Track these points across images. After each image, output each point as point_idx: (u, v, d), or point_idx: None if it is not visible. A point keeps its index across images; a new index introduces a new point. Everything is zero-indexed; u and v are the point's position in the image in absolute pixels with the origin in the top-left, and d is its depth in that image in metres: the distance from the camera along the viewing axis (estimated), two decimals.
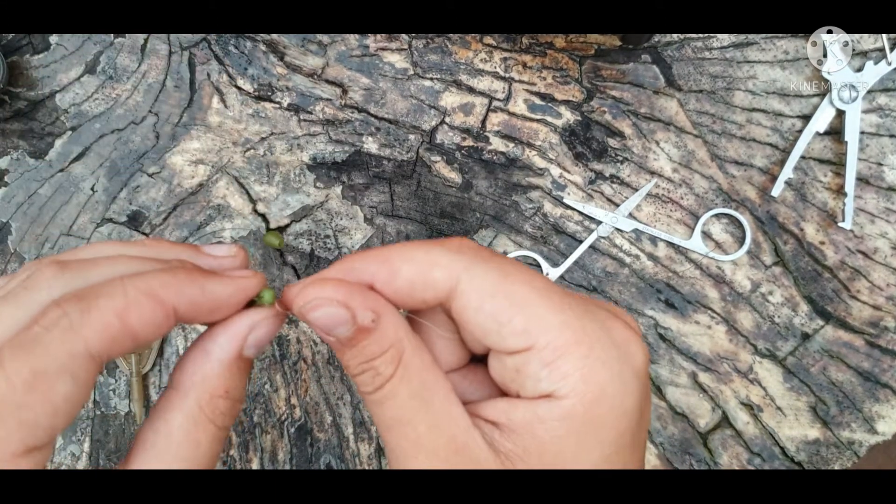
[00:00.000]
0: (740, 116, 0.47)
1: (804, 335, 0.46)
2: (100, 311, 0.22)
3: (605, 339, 0.23)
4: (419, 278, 0.24)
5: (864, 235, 0.46)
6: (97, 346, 0.22)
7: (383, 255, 0.24)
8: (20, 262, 0.48)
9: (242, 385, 0.25)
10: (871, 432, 0.46)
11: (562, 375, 0.22)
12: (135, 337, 0.22)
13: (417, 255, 0.24)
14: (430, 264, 0.24)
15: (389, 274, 0.24)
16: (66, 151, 0.49)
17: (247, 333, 0.25)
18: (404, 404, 0.23)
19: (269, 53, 0.49)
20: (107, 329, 0.22)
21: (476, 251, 0.25)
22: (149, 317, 0.22)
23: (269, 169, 0.49)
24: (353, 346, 0.23)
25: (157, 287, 0.23)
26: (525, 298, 0.23)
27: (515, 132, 0.48)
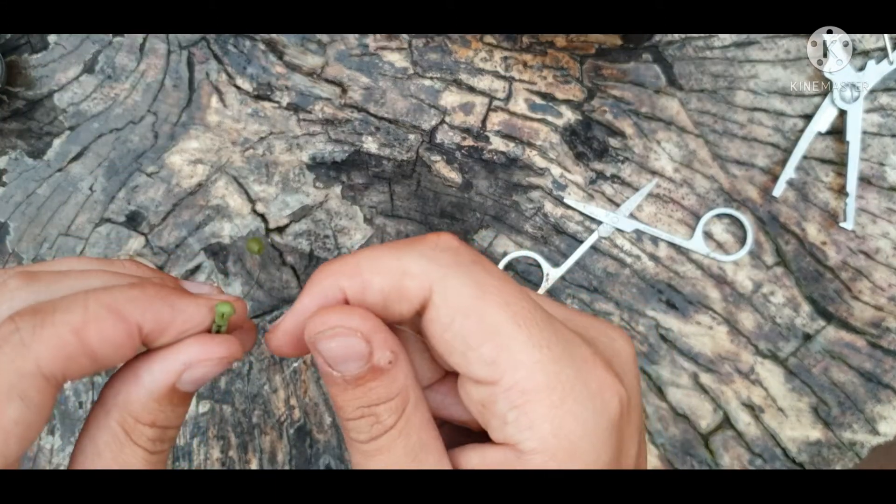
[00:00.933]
0: (742, 116, 0.47)
1: (806, 336, 0.46)
2: (54, 327, 0.20)
3: (579, 389, 0.21)
4: (392, 290, 0.21)
5: (865, 236, 0.46)
6: (50, 366, 0.20)
7: (351, 266, 0.22)
8: (18, 262, 0.48)
9: (175, 415, 0.23)
10: (873, 433, 0.45)
11: (529, 423, 0.20)
12: (93, 357, 0.21)
13: (387, 263, 0.22)
14: (401, 273, 0.21)
15: (360, 288, 0.22)
16: (64, 151, 0.49)
17: (182, 370, 0.22)
18: (398, 461, 0.21)
19: (269, 52, 0.49)
20: (61, 347, 0.20)
21: (455, 254, 0.22)
22: (110, 334, 0.21)
23: (268, 169, 0.48)
24: (358, 387, 0.21)
25: (121, 301, 0.21)
26: (499, 324, 0.21)
27: (516, 132, 0.48)
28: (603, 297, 0.47)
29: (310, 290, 0.22)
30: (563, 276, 0.47)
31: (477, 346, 0.21)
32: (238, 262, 0.48)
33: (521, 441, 0.20)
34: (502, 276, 0.22)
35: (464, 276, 0.21)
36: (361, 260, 0.22)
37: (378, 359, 0.21)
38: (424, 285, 0.21)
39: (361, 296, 0.22)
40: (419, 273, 0.21)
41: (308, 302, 0.22)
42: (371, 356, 0.21)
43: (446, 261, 0.22)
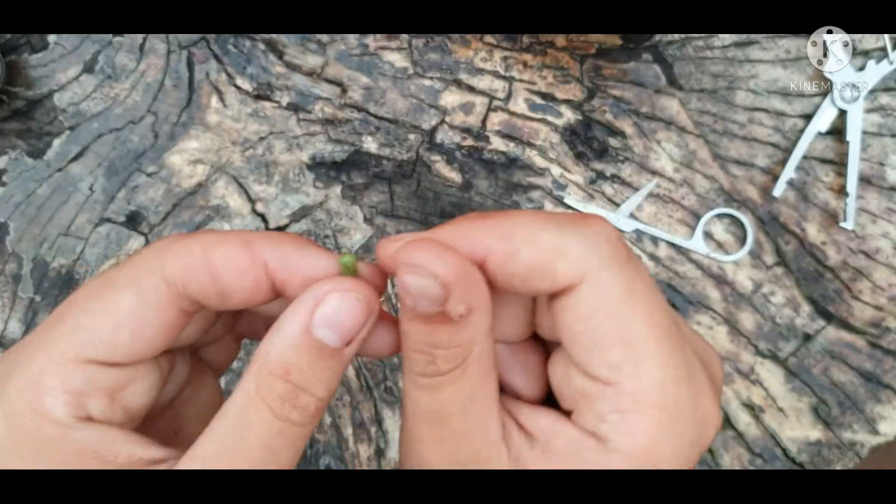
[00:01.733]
0: (742, 116, 0.47)
1: (806, 336, 0.46)
2: (187, 241, 0.21)
3: (688, 414, 0.21)
4: (540, 266, 0.20)
5: (865, 236, 0.46)
6: (172, 270, 0.21)
7: (505, 227, 0.21)
8: (18, 262, 0.48)
9: (313, 372, 0.21)
10: (873, 433, 0.45)
11: (629, 430, 0.20)
12: (215, 275, 0.21)
13: (545, 237, 0.20)
14: (557, 253, 0.20)
15: (507, 254, 0.21)
16: (64, 151, 0.49)
17: (312, 306, 0.21)
18: (444, 405, 0.21)
19: (269, 52, 0.49)
20: (186, 256, 0.21)
21: (614, 248, 0.21)
22: (234, 258, 0.21)
23: (268, 169, 0.48)
24: (424, 323, 0.20)
25: (253, 236, 0.22)
26: (637, 333, 0.20)
27: (516, 131, 0.48)
28: None
29: (454, 231, 0.22)
30: None
31: (607, 347, 0.20)
32: None
33: (611, 439, 0.20)
34: (650, 283, 0.22)
35: (617, 275, 0.21)
36: (517, 225, 0.21)
37: (450, 308, 0.20)
38: (577, 272, 0.20)
39: (503, 262, 0.21)
40: (577, 259, 0.20)
41: (447, 237, 0.21)
42: (445, 302, 0.20)
43: (606, 252, 0.21)
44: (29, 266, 0.48)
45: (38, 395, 0.20)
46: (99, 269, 0.47)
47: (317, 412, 0.22)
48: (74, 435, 0.20)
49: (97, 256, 0.48)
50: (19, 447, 0.20)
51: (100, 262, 0.48)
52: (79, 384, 0.21)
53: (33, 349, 0.21)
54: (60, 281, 0.48)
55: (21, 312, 0.48)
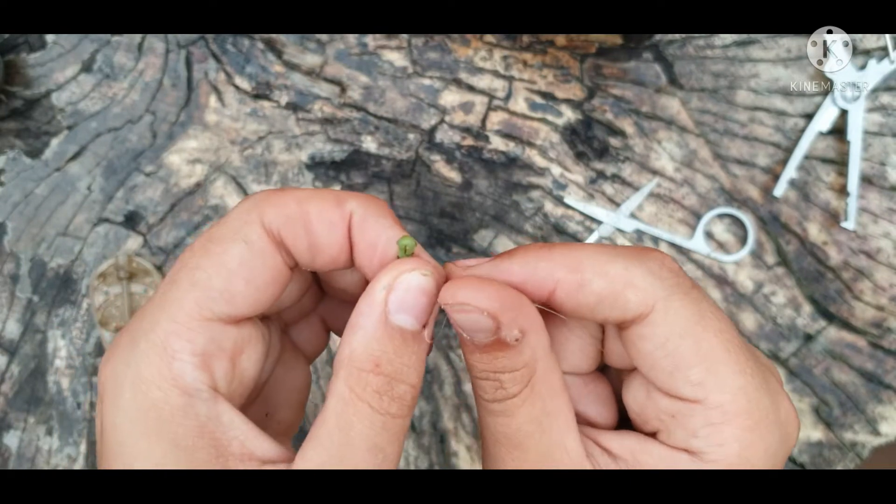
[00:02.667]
0: (743, 115, 0.47)
1: (807, 336, 0.46)
2: (282, 195, 0.23)
3: (772, 417, 0.22)
4: (610, 297, 0.22)
5: (867, 236, 0.46)
6: (270, 218, 0.22)
7: (573, 260, 0.22)
8: (16, 262, 0.48)
9: (401, 361, 0.21)
10: (874, 434, 0.45)
11: (721, 441, 0.21)
12: (308, 227, 0.22)
13: (614, 269, 0.22)
14: (627, 284, 0.22)
15: (577, 285, 0.22)
16: (62, 151, 0.48)
17: (384, 296, 0.22)
18: (521, 427, 0.22)
19: (267, 52, 0.49)
20: (283, 206, 0.22)
21: (677, 277, 0.22)
22: (327, 211, 0.22)
23: (266, 168, 0.48)
24: (484, 353, 0.21)
25: (343, 195, 0.23)
26: (712, 350, 0.21)
27: (516, 131, 0.48)
28: None
29: (522, 263, 0.22)
30: None
31: (687, 367, 0.21)
32: None
33: (704, 452, 0.21)
34: (715, 306, 0.23)
35: (686, 300, 0.22)
36: (584, 257, 0.22)
37: (505, 335, 0.21)
38: (647, 301, 0.21)
39: (574, 294, 0.22)
40: (645, 287, 0.22)
41: (516, 271, 0.22)
42: (498, 330, 0.21)
43: (671, 282, 0.22)
44: (27, 266, 0.48)
45: (166, 361, 0.20)
46: (97, 270, 0.47)
47: (412, 401, 0.22)
48: (199, 408, 0.21)
49: (95, 256, 0.48)
50: (145, 418, 0.20)
51: (98, 262, 0.48)
52: (204, 344, 0.21)
53: (155, 314, 0.21)
54: (58, 281, 0.48)
55: (19, 312, 0.48)
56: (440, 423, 0.45)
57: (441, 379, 0.46)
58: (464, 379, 0.46)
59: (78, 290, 0.48)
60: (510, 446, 0.22)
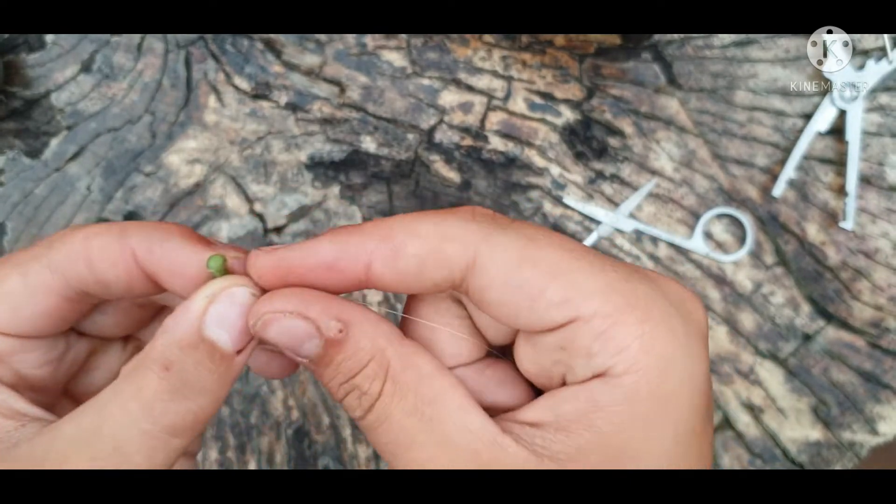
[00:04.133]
0: (741, 115, 0.47)
1: (805, 336, 0.46)
2: (73, 232, 0.23)
3: (660, 300, 0.19)
4: (429, 256, 0.20)
5: (865, 236, 0.46)
6: (54, 258, 0.22)
7: (382, 229, 0.20)
8: None
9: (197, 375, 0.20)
10: (873, 433, 0.45)
11: (618, 347, 0.19)
12: (91, 265, 0.22)
13: (425, 227, 0.20)
14: (441, 238, 0.20)
15: (392, 252, 0.20)
16: (61, 151, 0.48)
17: (206, 304, 0.20)
18: (402, 425, 0.20)
19: (267, 52, 0.49)
20: (69, 245, 0.22)
21: (493, 218, 0.21)
22: (107, 248, 0.22)
23: (266, 168, 0.48)
24: (327, 366, 0.20)
25: (130, 228, 0.23)
26: (558, 263, 0.19)
27: (515, 131, 0.48)
28: None
29: (333, 239, 0.21)
30: None
31: (541, 291, 0.19)
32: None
33: (610, 366, 0.19)
34: (544, 228, 0.21)
35: (508, 232, 0.20)
36: (394, 223, 0.20)
37: (326, 331, 0.20)
38: (468, 249, 0.20)
39: (392, 262, 0.20)
40: (461, 236, 0.20)
41: (327, 250, 0.20)
42: (319, 332, 0.20)
43: (487, 223, 0.20)
44: None
45: None
46: None
47: (195, 424, 0.20)
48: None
49: None
50: None
51: None
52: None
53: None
54: None
55: None
56: None
57: None
58: None
59: None
60: (404, 450, 0.20)
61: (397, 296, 0.47)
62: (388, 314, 0.47)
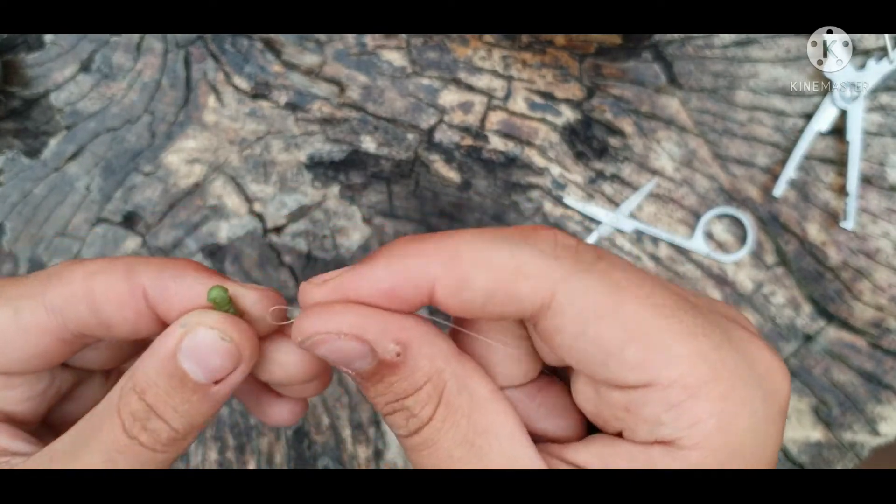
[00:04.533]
0: (742, 115, 0.47)
1: (806, 336, 0.46)
2: (72, 269, 0.21)
3: (747, 375, 0.18)
4: (500, 291, 0.18)
5: (866, 236, 0.46)
6: (52, 297, 0.21)
7: (450, 250, 0.18)
8: (14, 262, 0.48)
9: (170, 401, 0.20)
10: (874, 434, 0.45)
11: (692, 421, 0.17)
12: (94, 307, 0.21)
13: (498, 257, 0.18)
14: (515, 273, 0.18)
15: (458, 281, 0.18)
16: (60, 151, 0.48)
17: (182, 334, 0.20)
18: (451, 453, 0.19)
19: (266, 51, 0.49)
20: (68, 285, 0.21)
21: (576, 254, 0.19)
22: (114, 287, 0.21)
23: (265, 168, 0.48)
24: (378, 382, 0.19)
25: (138, 264, 0.21)
26: (643, 321, 0.18)
27: (515, 131, 0.48)
28: None
29: (387, 265, 0.19)
30: None
31: (619, 350, 0.18)
32: (235, 262, 0.47)
33: (678, 437, 0.18)
34: (634, 269, 0.19)
35: (592, 275, 0.18)
36: (462, 246, 0.18)
37: (382, 353, 0.18)
38: (545, 289, 0.18)
39: (457, 291, 0.18)
40: (538, 274, 0.18)
41: (383, 276, 0.19)
42: (374, 353, 0.18)
43: (569, 260, 0.18)
44: (25, 266, 0.48)
45: None
46: None
47: (170, 441, 0.21)
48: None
49: (94, 256, 0.48)
50: None
51: None
52: None
53: None
54: None
55: None
56: None
57: None
58: None
59: None
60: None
61: None
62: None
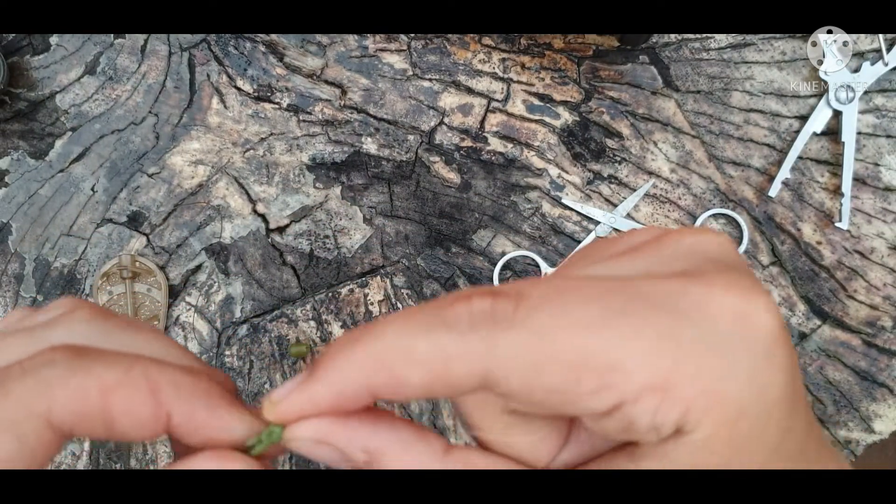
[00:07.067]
0: (738, 117, 0.47)
1: (801, 335, 0.46)
2: (85, 378, 0.19)
3: (711, 340, 0.17)
4: (437, 382, 0.18)
5: (860, 235, 0.46)
6: (61, 416, 0.18)
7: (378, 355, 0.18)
8: (20, 262, 0.48)
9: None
10: (868, 431, 0.46)
11: (681, 411, 0.17)
12: (109, 423, 0.19)
13: (422, 349, 0.17)
14: (443, 361, 0.17)
15: (395, 384, 0.18)
16: (66, 152, 0.49)
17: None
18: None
19: (269, 54, 0.49)
20: (81, 400, 0.18)
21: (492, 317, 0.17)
22: (136, 408, 0.19)
23: (268, 169, 0.49)
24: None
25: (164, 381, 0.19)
26: (583, 346, 0.17)
27: (514, 133, 0.48)
28: None
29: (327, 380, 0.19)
30: None
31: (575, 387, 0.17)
32: (238, 261, 0.48)
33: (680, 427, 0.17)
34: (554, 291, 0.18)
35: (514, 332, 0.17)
36: (388, 347, 0.18)
37: (354, 460, 0.19)
38: (475, 367, 0.17)
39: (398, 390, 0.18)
40: (462, 355, 0.17)
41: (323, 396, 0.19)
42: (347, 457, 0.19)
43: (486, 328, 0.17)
44: (31, 266, 0.48)
45: None
46: (101, 270, 0.47)
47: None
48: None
49: (99, 256, 0.48)
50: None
51: (101, 262, 0.48)
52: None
53: None
54: (62, 281, 0.48)
55: None
56: (439, 420, 0.46)
57: None
58: None
59: (82, 290, 0.48)
60: None
61: None
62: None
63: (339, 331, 0.47)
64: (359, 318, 0.47)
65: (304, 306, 0.47)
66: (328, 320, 0.47)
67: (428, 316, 0.18)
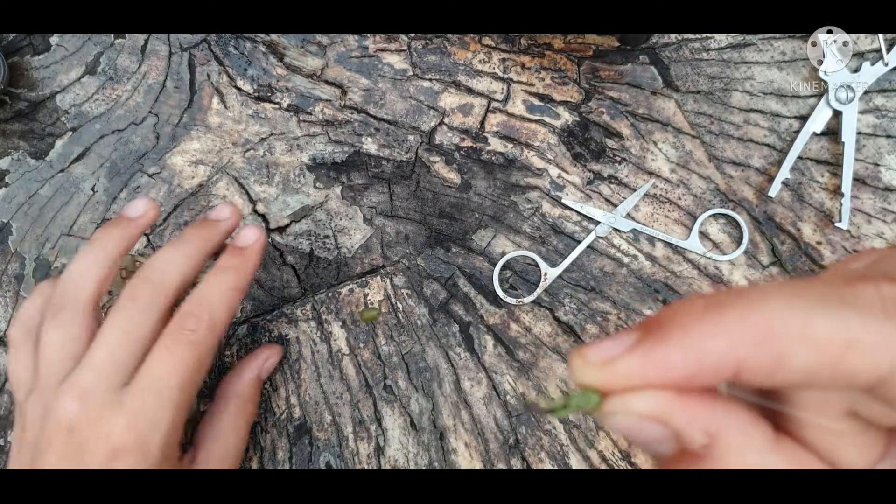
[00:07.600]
0: (738, 117, 0.47)
1: None
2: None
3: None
4: (824, 369, 0.15)
5: (860, 236, 0.46)
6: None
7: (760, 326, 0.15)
8: (20, 262, 0.48)
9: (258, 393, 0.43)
10: None
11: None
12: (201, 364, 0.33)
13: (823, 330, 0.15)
14: (844, 345, 0.15)
15: (772, 363, 0.15)
16: (66, 152, 0.49)
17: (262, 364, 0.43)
18: None
19: (269, 54, 0.49)
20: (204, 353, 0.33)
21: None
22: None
23: (268, 169, 0.49)
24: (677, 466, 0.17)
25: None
26: None
27: (514, 133, 0.48)
28: (600, 297, 0.47)
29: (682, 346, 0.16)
30: (561, 276, 0.47)
31: None
32: None
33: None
34: None
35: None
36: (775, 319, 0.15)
37: (689, 443, 0.16)
38: (881, 363, 0.15)
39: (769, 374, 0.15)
40: (873, 344, 0.15)
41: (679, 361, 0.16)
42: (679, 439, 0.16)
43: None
44: (31, 266, 0.48)
45: None
46: None
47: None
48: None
49: None
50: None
51: None
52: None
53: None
54: None
55: None
56: (439, 420, 0.46)
57: (440, 377, 0.46)
58: (462, 377, 0.46)
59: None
60: None
61: None
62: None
63: (339, 331, 0.47)
64: (359, 317, 0.47)
65: (304, 306, 0.47)
66: (328, 320, 0.47)
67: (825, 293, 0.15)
